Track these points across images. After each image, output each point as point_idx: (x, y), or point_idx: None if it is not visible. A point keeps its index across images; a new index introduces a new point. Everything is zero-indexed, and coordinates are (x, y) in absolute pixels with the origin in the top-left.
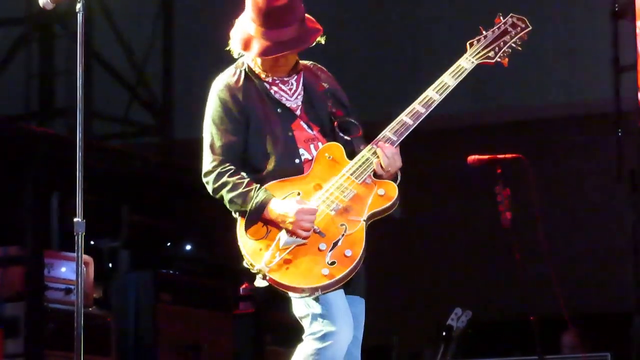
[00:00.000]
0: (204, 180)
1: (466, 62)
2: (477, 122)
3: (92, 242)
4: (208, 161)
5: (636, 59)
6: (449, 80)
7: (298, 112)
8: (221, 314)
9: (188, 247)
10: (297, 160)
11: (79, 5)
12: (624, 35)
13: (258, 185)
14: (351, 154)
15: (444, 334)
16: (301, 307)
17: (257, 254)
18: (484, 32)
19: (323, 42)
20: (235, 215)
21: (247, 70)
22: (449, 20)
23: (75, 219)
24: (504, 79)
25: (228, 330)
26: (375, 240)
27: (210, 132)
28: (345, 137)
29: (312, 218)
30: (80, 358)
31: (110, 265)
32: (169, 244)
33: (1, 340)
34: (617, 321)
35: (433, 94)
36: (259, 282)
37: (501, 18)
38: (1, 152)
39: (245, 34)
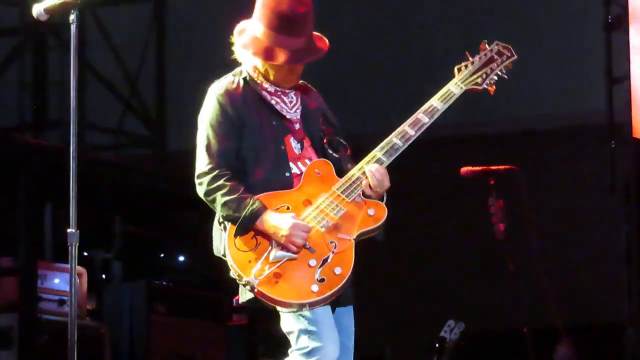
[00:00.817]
0: (197, 180)
1: (455, 88)
2: (469, 133)
3: (85, 253)
4: (204, 163)
5: (629, 70)
6: (437, 104)
7: (297, 126)
8: (215, 325)
9: (181, 258)
10: (287, 174)
11: (72, 16)
12: (617, 47)
13: (253, 196)
14: (339, 172)
15: (436, 345)
16: (288, 322)
17: (246, 266)
18: (470, 57)
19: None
20: (221, 227)
21: (247, 78)
22: (449, 33)
23: (68, 230)
24: (497, 90)
25: (221, 342)
26: (367, 252)
27: (207, 135)
28: (334, 155)
29: (305, 235)
30: None
31: (103, 276)
32: (162, 255)
33: None
34: (610, 331)
35: (422, 117)
36: (244, 297)
37: (486, 45)
38: None
39: (261, 42)
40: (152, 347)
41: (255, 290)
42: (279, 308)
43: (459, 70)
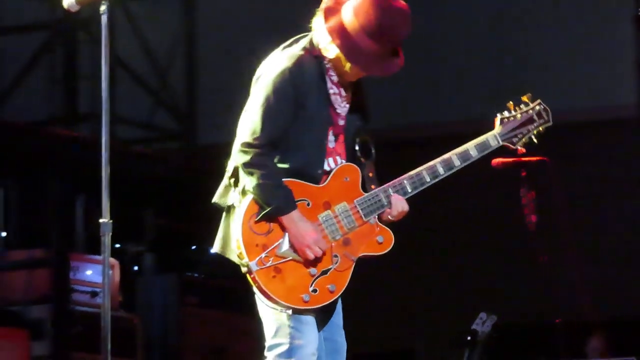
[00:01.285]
0: (243, 147)
1: (493, 140)
2: None
3: (117, 245)
4: (255, 133)
5: None
6: (473, 151)
7: (341, 122)
8: (246, 316)
9: (213, 250)
10: (319, 171)
11: (103, 7)
12: None
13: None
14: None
15: (468, 338)
16: (270, 311)
17: (252, 248)
18: (512, 110)
19: None
20: (230, 181)
21: (319, 58)
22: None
23: (101, 220)
24: (529, 84)
25: (253, 333)
26: (398, 245)
27: (267, 103)
28: (361, 159)
29: (321, 252)
30: (107, 359)
31: (136, 268)
32: (193, 247)
33: (27, 342)
34: None
35: (455, 159)
36: (217, 249)
37: (529, 100)
38: (26, 155)
39: (349, 37)
40: (184, 339)
41: (252, 275)
42: (261, 296)
43: (502, 122)
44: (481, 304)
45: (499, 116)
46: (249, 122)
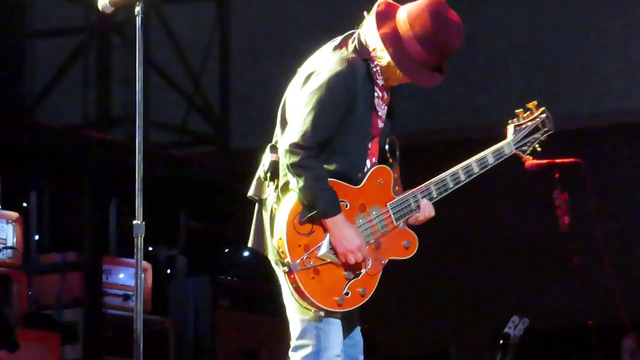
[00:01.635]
0: (291, 148)
1: (507, 148)
2: None
3: (150, 249)
4: (305, 136)
5: None
6: (490, 158)
7: (380, 124)
8: (279, 319)
9: (246, 254)
10: (359, 174)
11: (137, 9)
12: None
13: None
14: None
15: (501, 342)
16: (299, 310)
17: (295, 248)
18: (521, 118)
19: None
20: (267, 174)
21: (369, 63)
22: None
23: (134, 222)
24: (563, 86)
25: (286, 336)
26: (430, 248)
27: (319, 105)
28: (390, 160)
29: (361, 258)
30: None
31: (168, 271)
32: (226, 250)
33: (59, 345)
34: None
35: (475, 166)
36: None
37: (534, 107)
38: (60, 159)
39: (402, 46)
40: (217, 342)
41: (292, 275)
42: (296, 296)
43: (515, 129)
44: (513, 307)
45: (511, 124)
46: (299, 123)
